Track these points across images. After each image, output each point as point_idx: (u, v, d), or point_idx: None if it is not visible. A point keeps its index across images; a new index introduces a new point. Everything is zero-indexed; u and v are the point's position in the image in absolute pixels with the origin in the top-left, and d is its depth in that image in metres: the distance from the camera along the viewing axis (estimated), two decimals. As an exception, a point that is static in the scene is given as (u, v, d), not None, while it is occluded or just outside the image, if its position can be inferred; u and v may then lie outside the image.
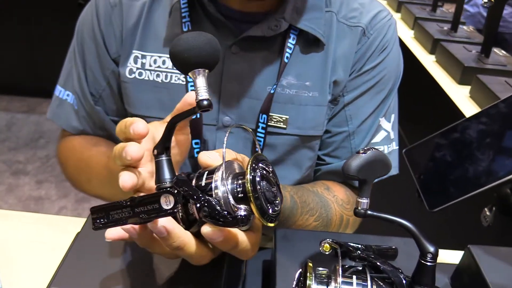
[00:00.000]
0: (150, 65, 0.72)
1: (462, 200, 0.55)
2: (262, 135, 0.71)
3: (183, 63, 0.44)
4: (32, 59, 2.95)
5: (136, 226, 0.44)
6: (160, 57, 0.71)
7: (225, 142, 0.44)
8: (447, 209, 0.56)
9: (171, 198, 0.40)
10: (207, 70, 0.44)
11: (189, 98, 0.50)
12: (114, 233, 0.46)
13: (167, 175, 0.48)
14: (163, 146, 0.48)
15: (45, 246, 0.66)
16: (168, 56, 0.70)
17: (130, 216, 0.41)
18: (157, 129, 0.53)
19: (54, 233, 0.69)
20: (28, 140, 2.73)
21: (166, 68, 0.71)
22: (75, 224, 0.68)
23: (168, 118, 0.53)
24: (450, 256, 0.68)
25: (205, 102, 0.42)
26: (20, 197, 2.31)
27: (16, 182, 2.41)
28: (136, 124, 0.47)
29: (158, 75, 0.71)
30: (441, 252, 0.70)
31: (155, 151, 0.48)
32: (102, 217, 0.43)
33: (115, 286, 0.51)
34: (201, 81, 0.43)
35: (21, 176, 2.45)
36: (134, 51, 0.72)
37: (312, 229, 0.71)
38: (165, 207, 0.40)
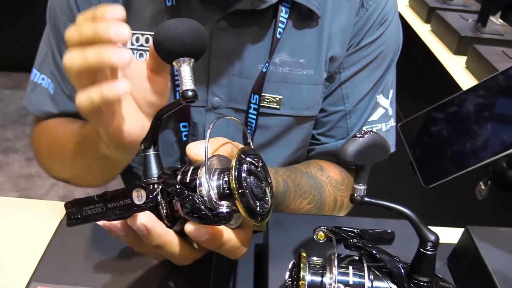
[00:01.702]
0: (132, 44, 0.66)
1: (459, 175, 0.53)
2: (254, 117, 0.68)
3: (166, 53, 0.42)
4: (19, 32, 2.86)
5: (121, 224, 0.41)
6: (143, 35, 0.66)
7: (207, 135, 0.41)
8: (442, 184, 0.54)
9: (143, 193, 0.38)
10: (192, 59, 0.42)
11: None
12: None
13: (154, 170, 0.46)
14: (150, 140, 0.46)
15: (31, 233, 0.64)
16: (151, 33, 0.66)
17: (103, 212, 0.39)
18: None
19: (40, 219, 0.66)
20: (16, 116, 2.68)
21: (150, 46, 0.67)
22: (62, 209, 0.65)
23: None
24: (446, 234, 0.66)
25: (189, 93, 0.41)
26: (11, 175, 2.28)
27: (6, 160, 2.37)
28: (112, 8, 0.41)
29: (141, 55, 0.67)
30: (437, 230, 0.68)
31: (142, 146, 0.46)
32: (76, 212, 0.41)
33: (99, 279, 0.49)
34: (185, 70, 0.41)
35: (10, 153, 2.41)
36: None
37: (305, 212, 0.69)
38: (137, 202, 0.38)
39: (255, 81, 0.67)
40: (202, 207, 0.38)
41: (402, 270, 0.40)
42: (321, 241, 0.45)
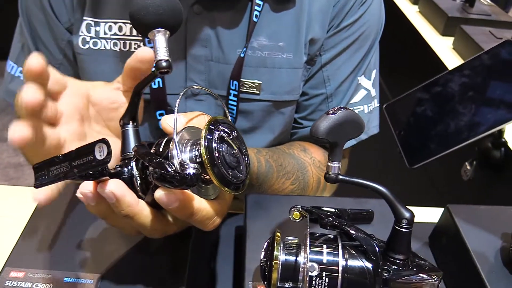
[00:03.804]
0: (105, 33, 0.65)
1: (444, 156, 0.53)
2: (235, 103, 0.67)
3: (141, 24, 0.42)
4: (1, 18, 2.80)
5: (93, 193, 0.40)
6: (115, 23, 0.64)
7: (177, 105, 0.40)
8: (428, 165, 0.54)
9: (104, 147, 0.37)
10: (168, 32, 0.42)
11: (141, 54, 0.44)
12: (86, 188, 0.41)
13: (132, 145, 0.45)
14: (129, 116, 0.46)
15: (8, 220, 0.63)
16: (124, 21, 0.65)
17: (68, 171, 0.38)
18: (97, 88, 0.48)
19: (18, 205, 0.65)
20: (3, 105, 2.64)
21: (124, 35, 0.65)
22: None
23: (114, 84, 0.49)
24: (430, 214, 0.66)
25: (163, 63, 0.40)
26: (-1, 165, 2.26)
27: (-6, 149, 2.35)
28: (29, 60, 0.38)
29: (115, 44, 0.65)
30: (421, 210, 0.68)
31: (121, 121, 0.46)
32: (43, 174, 0.40)
33: (72, 262, 0.48)
34: (160, 41, 0.41)
35: (-2, 143, 2.39)
36: (85, 18, 0.65)
37: (289, 193, 0.68)
38: (99, 157, 0.37)
39: (233, 67, 0.65)
40: (169, 170, 0.37)
41: (377, 248, 0.39)
42: (297, 221, 0.44)
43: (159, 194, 0.39)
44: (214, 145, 0.39)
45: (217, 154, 0.39)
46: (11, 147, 2.35)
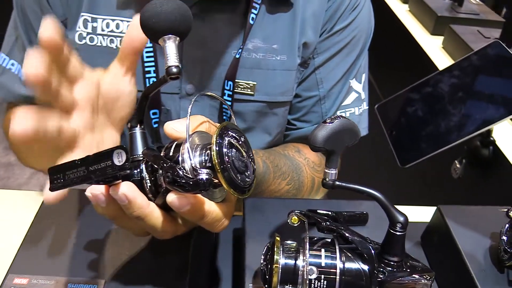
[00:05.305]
0: (103, 30, 0.66)
1: (435, 154, 0.54)
2: (229, 103, 0.68)
3: (152, 30, 0.42)
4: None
5: (105, 195, 0.41)
6: (113, 20, 0.65)
7: (189, 111, 0.41)
8: (419, 163, 0.55)
9: (123, 154, 0.38)
10: (178, 38, 0.42)
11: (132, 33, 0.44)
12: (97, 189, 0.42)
13: (140, 148, 0.47)
14: (137, 119, 0.47)
15: (8, 225, 0.63)
16: (122, 19, 0.65)
17: (85, 175, 0.39)
18: (105, 77, 0.48)
19: (18, 210, 0.66)
20: (-8, 104, 2.62)
21: (121, 32, 0.66)
22: (40, 199, 0.65)
23: (112, 67, 0.48)
24: (422, 214, 0.68)
25: (174, 69, 0.41)
26: (-11, 165, 2.25)
27: (-17, 149, 2.33)
28: (43, 27, 0.36)
29: (112, 41, 0.66)
30: (414, 209, 0.70)
31: (129, 124, 0.47)
32: (59, 177, 0.40)
33: (76, 268, 0.49)
34: (170, 47, 0.42)
35: (-13, 143, 2.37)
36: (83, 13, 0.65)
37: (284, 193, 0.70)
38: (117, 163, 0.38)
39: (228, 68, 0.67)
40: (182, 174, 0.38)
41: (372, 251, 0.41)
42: (295, 225, 0.45)
43: (172, 198, 0.40)
44: (224, 150, 0.41)
45: (227, 159, 0.40)
46: (1, 147, 2.33)
